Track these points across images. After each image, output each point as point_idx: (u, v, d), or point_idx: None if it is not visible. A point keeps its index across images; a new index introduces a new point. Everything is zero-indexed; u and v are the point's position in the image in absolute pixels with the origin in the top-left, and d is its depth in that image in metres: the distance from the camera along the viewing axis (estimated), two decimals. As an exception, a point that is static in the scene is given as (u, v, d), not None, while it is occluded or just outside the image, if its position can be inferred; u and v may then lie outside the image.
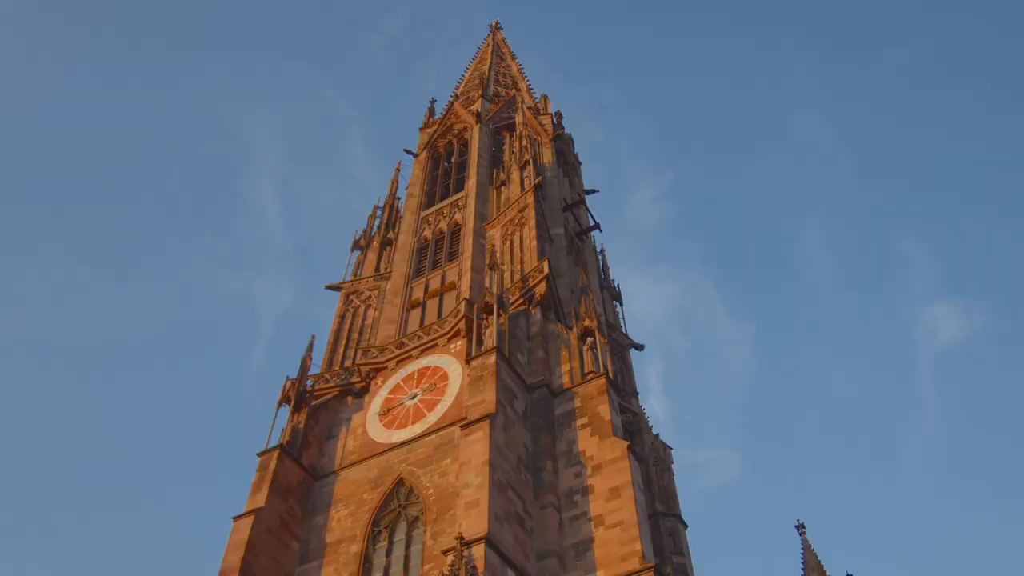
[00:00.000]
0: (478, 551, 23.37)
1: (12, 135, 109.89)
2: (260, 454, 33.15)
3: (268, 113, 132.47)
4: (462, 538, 23.43)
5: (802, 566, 37.15)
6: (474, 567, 22.52)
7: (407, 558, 28.91)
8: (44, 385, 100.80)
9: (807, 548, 37.63)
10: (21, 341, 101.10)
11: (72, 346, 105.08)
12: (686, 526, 37.58)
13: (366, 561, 29.62)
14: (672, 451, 40.80)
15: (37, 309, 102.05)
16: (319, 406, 36.16)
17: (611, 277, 50.97)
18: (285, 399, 35.49)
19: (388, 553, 29.56)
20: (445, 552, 23.89)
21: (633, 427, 38.66)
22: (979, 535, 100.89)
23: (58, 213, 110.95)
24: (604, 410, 29.48)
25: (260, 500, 31.16)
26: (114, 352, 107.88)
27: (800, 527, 38.73)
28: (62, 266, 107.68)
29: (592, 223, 52.13)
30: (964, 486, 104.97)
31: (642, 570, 24.75)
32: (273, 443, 33.46)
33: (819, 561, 37.04)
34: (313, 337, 38.78)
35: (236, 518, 30.78)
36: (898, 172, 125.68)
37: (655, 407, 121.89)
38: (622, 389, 39.13)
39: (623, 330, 46.93)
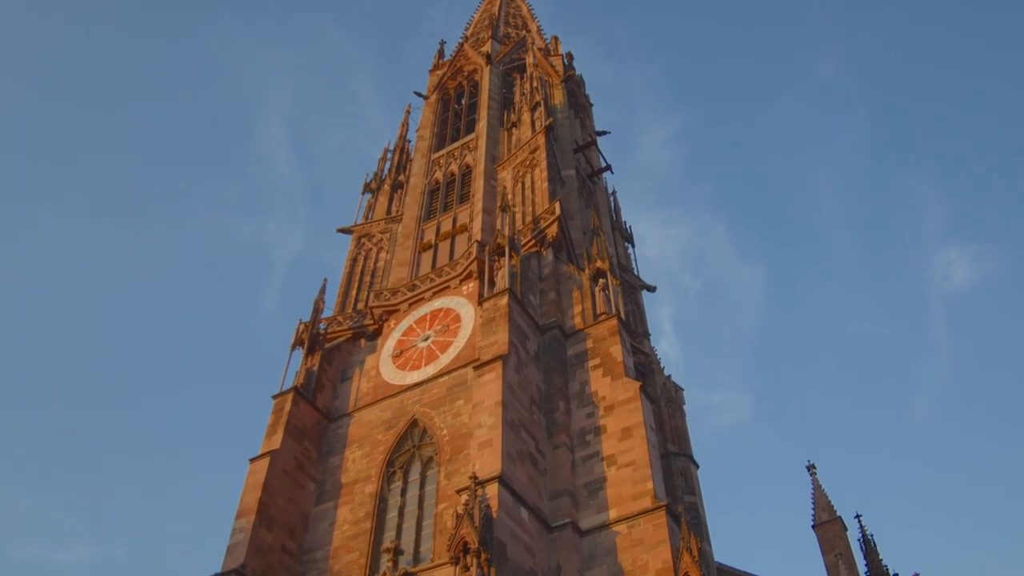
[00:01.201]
0: (492, 490, 23.62)
1: (22, 85, 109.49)
2: (275, 397, 33.45)
3: (277, 57, 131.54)
4: (476, 477, 23.67)
5: (812, 506, 37.50)
6: (488, 506, 22.76)
7: (422, 497, 29.28)
8: (58, 331, 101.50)
9: (817, 488, 37.94)
10: (35, 288, 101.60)
11: (85, 293, 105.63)
12: (697, 466, 37.88)
13: (381, 501, 30.00)
14: (684, 392, 41.03)
15: (50, 256, 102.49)
16: (332, 349, 36.36)
17: (623, 219, 50.87)
18: (299, 342, 35.72)
19: (403, 493, 29.94)
20: (459, 491, 24.18)
21: (645, 368, 38.82)
22: (987, 477, 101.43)
23: (69, 161, 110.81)
24: (616, 351, 29.58)
25: (276, 442, 31.51)
26: (128, 298, 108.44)
27: (811, 467, 39.06)
28: (74, 213, 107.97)
29: (603, 165, 51.93)
30: (973, 429, 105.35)
31: (654, 509, 25.00)
32: (287, 386, 33.77)
33: (829, 501, 37.36)
34: (326, 280, 38.99)
35: (252, 460, 31.15)
36: (912, 115, 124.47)
37: (666, 349, 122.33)
38: (634, 330, 39.23)
39: (635, 271, 46.94)
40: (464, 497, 23.03)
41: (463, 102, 51.86)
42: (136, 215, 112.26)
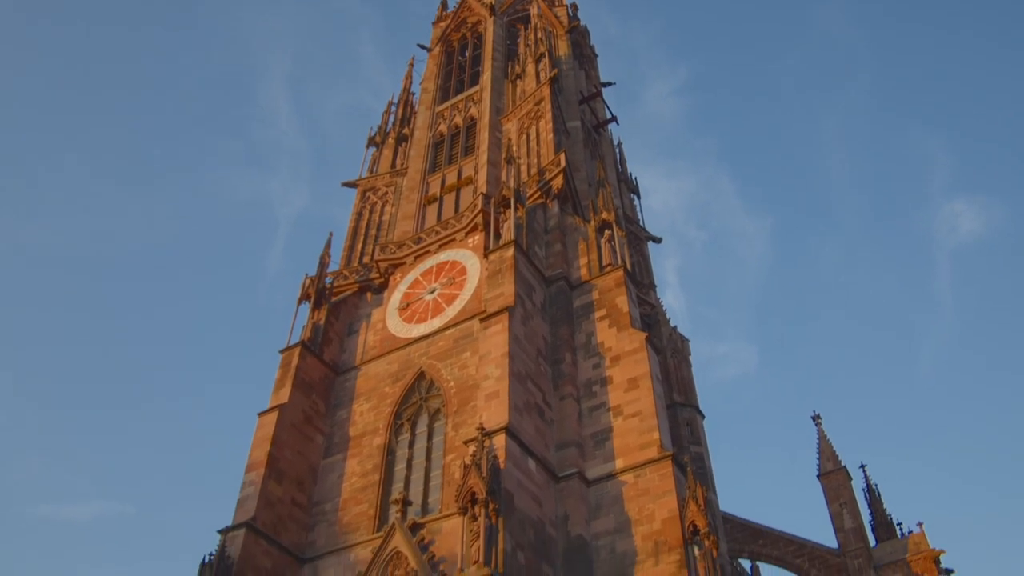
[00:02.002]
0: (499, 441, 23.79)
1: (21, 46, 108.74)
2: (282, 351, 33.57)
3: (279, 13, 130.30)
4: (483, 429, 23.83)
5: (817, 456, 37.71)
6: (495, 456, 22.93)
7: (429, 449, 29.48)
8: (62, 295, 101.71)
9: (822, 438, 38.13)
10: (39, 250, 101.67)
11: (90, 254, 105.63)
12: (703, 416, 38.05)
13: (389, 453, 30.22)
14: (689, 343, 41.10)
15: (53, 217, 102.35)
16: (339, 303, 36.42)
17: (628, 170, 50.65)
18: (305, 296, 35.76)
19: (411, 445, 30.15)
20: (467, 442, 24.36)
21: (651, 319, 38.86)
22: (991, 429, 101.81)
23: (69, 123, 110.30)
24: (622, 302, 29.61)
25: (283, 396, 31.68)
26: (132, 259, 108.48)
27: (816, 418, 39.24)
28: (77, 174, 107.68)
29: (609, 116, 51.58)
30: (978, 381, 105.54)
31: (660, 459, 25.17)
32: (294, 340, 33.88)
33: (834, 451, 37.56)
34: (331, 235, 38.85)
35: (261, 414, 31.35)
36: (919, 67, 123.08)
37: (672, 301, 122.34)
38: (640, 281, 39.25)
39: (640, 223, 46.84)
40: (471, 448, 23.19)
41: (467, 54, 51.48)
42: (138, 176, 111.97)
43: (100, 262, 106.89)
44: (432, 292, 34.21)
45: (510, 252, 29.93)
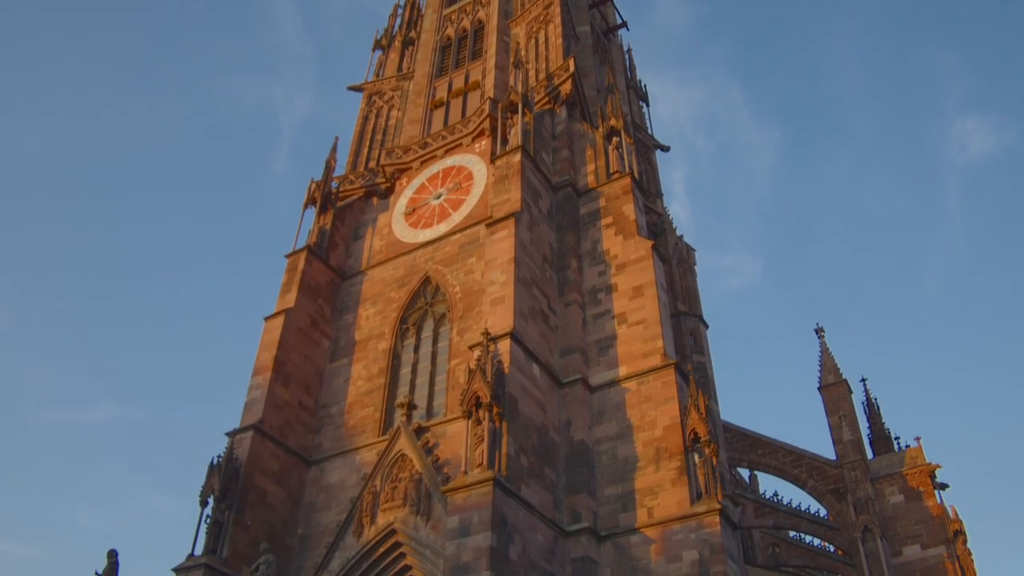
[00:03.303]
0: (504, 346, 23.93)
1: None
2: (288, 256, 33.62)
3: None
4: (488, 333, 23.93)
5: (819, 368, 37.96)
6: (500, 361, 23.07)
7: (434, 354, 29.71)
8: (66, 199, 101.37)
9: (825, 351, 38.33)
10: (40, 154, 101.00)
11: (93, 159, 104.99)
12: (707, 326, 38.19)
13: (395, 357, 30.45)
14: (695, 252, 41.03)
15: (56, 123, 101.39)
16: (345, 207, 36.31)
17: (637, 77, 49.92)
18: (311, 201, 35.62)
19: (416, 349, 30.37)
20: (472, 347, 24.49)
21: (657, 227, 38.73)
22: (992, 348, 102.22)
23: (73, 24, 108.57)
24: (629, 209, 29.48)
25: (290, 301, 31.81)
26: (136, 163, 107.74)
27: (819, 331, 39.42)
28: (78, 78, 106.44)
29: (619, 21, 50.72)
30: (981, 301, 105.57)
31: (663, 367, 25.38)
32: (300, 245, 33.88)
33: (836, 364, 37.79)
34: (337, 139, 38.57)
35: (267, 318, 31.55)
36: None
37: (678, 211, 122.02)
38: (647, 190, 38.99)
39: (649, 131, 46.34)
40: (476, 353, 23.33)
41: (476, -45, 50.27)
42: (140, 81, 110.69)
43: (103, 167, 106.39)
44: (438, 197, 34.05)
45: (517, 158, 29.69)
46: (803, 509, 38.62)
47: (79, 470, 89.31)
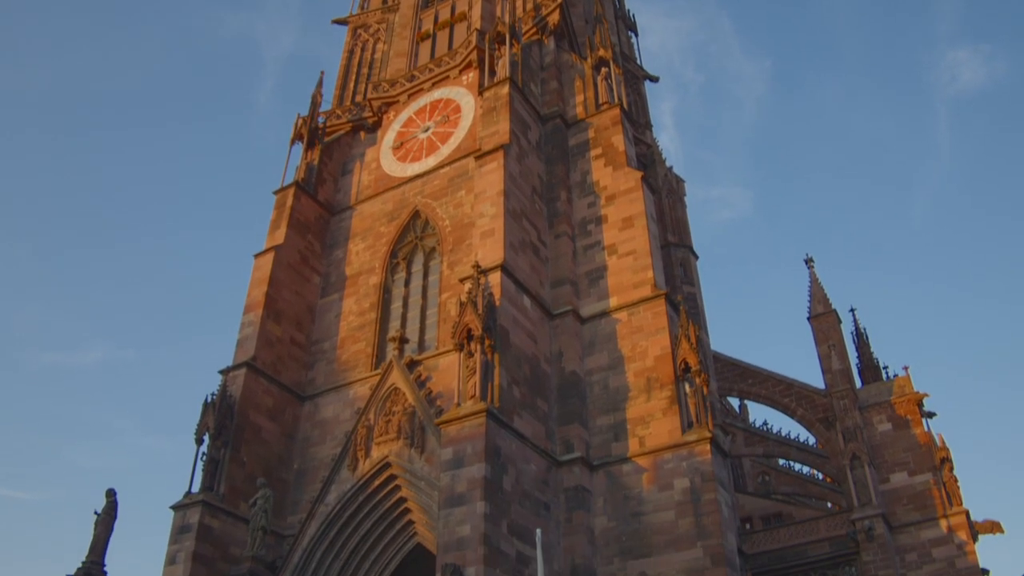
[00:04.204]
0: (494, 278, 23.95)
1: None
2: (276, 192, 33.42)
3: None
4: (478, 266, 23.91)
5: (808, 298, 38.13)
6: (491, 294, 23.08)
7: (425, 287, 29.73)
8: (49, 139, 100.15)
9: (814, 282, 38.47)
10: (19, 92, 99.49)
11: (74, 96, 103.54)
12: (697, 257, 38.30)
13: (385, 291, 30.46)
14: (685, 184, 40.95)
15: (35, 60, 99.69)
16: (332, 143, 36.01)
17: (626, 7, 49.31)
18: (298, 136, 35.31)
19: (406, 283, 30.38)
20: (462, 280, 24.49)
21: (647, 159, 38.57)
22: (979, 280, 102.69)
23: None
24: (618, 140, 29.32)
25: (279, 237, 31.71)
26: (119, 100, 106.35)
27: (808, 261, 39.51)
28: (56, 12, 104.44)
29: (607, -50, 49.87)
30: (970, 231, 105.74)
31: (653, 297, 25.48)
32: (288, 181, 33.64)
33: (825, 294, 37.95)
34: (322, 74, 38.14)
35: (257, 255, 31.48)
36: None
37: (667, 143, 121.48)
38: (636, 121, 38.74)
39: (638, 61, 45.90)
40: (467, 286, 23.33)
41: None
42: (119, 15, 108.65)
43: (86, 104, 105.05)
44: (426, 131, 33.78)
45: (505, 89, 29.41)
46: (792, 438, 39.15)
47: (74, 412, 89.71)
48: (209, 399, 26.87)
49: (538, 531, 19.01)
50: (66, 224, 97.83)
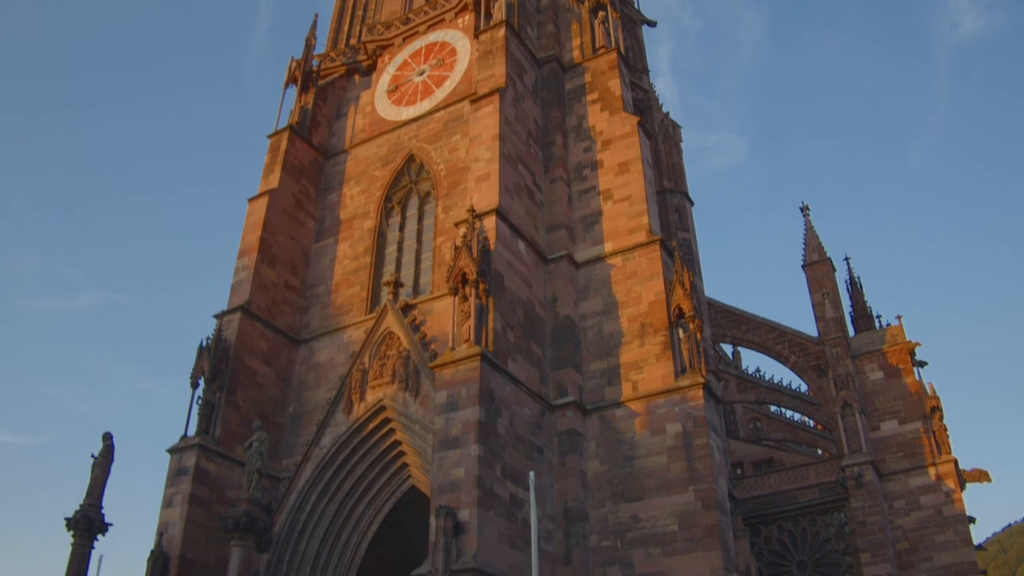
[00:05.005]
0: (489, 223, 23.92)
1: None
2: (270, 136, 33.22)
3: None
4: (473, 210, 23.87)
5: (803, 246, 38.26)
6: (486, 238, 23.07)
7: (420, 232, 29.69)
8: (43, 84, 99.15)
9: (809, 229, 38.54)
10: (12, 39, 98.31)
11: (65, 39, 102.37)
12: (692, 203, 38.23)
13: (380, 235, 30.41)
14: (681, 130, 40.77)
15: (27, 6, 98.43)
16: (326, 86, 35.68)
17: (624, -50, 48.71)
18: (292, 80, 35.01)
19: (401, 227, 30.33)
20: (457, 224, 24.46)
21: (643, 104, 38.36)
22: (973, 231, 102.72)
23: None
24: (615, 85, 29.13)
25: (273, 181, 31.57)
26: (112, 46, 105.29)
27: (804, 209, 39.57)
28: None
29: None
30: (966, 182, 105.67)
31: (648, 243, 25.51)
32: (282, 125, 33.44)
33: (820, 242, 38.05)
34: (316, 16, 37.70)
35: (251, 200, 31.39)
36: None
37: (664, 89, 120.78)
38: (633, 65, 38.42)
39: (635, 5, 45.45)
40: (462, 230, 23.32)
41: None
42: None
43: (79, 51, 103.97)
44: (421, 74, 33.47)
45: (501, 32, 29.13)
46: (785, 385, 39.45)
47: (69, 357, 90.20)
48: (204, 343, 26.92)
49: (531, 474, 19.26)
50: (59, 172, 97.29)
